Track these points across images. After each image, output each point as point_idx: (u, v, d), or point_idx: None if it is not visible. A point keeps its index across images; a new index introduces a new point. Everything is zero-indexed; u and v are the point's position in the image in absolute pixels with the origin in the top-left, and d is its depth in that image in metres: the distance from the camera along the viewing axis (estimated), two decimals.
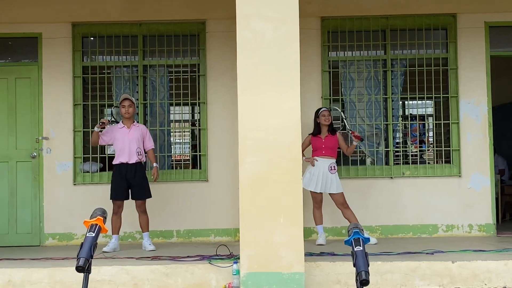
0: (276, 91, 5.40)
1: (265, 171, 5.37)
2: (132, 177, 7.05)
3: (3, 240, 8.06)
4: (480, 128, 8.24)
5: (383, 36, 8.41)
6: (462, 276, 5.59)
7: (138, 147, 7.12)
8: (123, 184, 7.05)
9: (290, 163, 5.37)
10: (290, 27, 5.44)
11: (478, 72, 8.25)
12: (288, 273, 5.33)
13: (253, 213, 5.37)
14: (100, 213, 3.37)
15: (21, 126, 8.21)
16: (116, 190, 7.06)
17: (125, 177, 7.04)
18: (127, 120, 7.20)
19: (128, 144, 7.08)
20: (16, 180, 8.17)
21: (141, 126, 7.33)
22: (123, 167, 7.07)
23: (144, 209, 7.15)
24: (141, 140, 7.20)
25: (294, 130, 5.39)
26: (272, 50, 5.44)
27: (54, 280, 5.71)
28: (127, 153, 7.07)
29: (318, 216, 7.40)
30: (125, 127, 7.19)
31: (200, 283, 5.68)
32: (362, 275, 3.02)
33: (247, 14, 5.47)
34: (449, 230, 8.16)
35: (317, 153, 7.40)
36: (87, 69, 8.38)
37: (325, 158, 7.34)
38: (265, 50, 5.45)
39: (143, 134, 7.25)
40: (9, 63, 8.39)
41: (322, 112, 7.46)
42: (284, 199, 5.34)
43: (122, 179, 7.05)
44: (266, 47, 5.45)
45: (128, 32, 8.37)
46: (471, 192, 8.20)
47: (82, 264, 3.13)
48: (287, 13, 5.45)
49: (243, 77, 5.44)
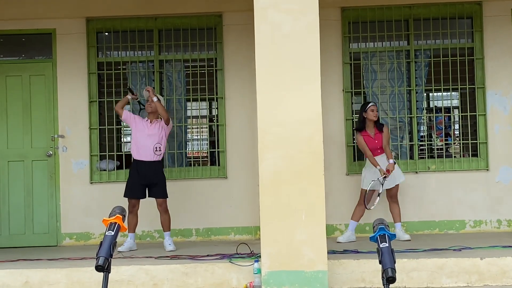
0: (296, 85, 5.40)
1: (285, 167, 5.38)
2: (151, 175, 7.04)
3: (19, 240, 8.15)
4: (508, 120, 8.18)
5: (406, 26, 8.37)
6: (491, 273, 5.57)
7: (158, 142, 7.08)
8: (140, 181, 7.04)
9: (311, 158, 5.37)
10: (309, 19, 5.44)
11: (506, 61, 8.18)
12: (310, 272, 5.35)
13: (273, 210, 5.38)
14: (119, 211, 3.40)
15: (36, 124, 8.27)
16: (132, 188, 7.07)
17: (143, 174, 7.03)
18: (152, 115, 7.17)
19: (146, 138, 7.07)
20: (32, 179, 8.24)
21: (161, 121, 7.23)
22: (141, 165, 7.07)
23: (165, 207, 7.11)
24: (161, 134, 7.14)
25: (315, 124, 5.40)
26: (291, 42, 5.44)
27: (72, 280, 5.77)
28: (146, 148, 7.05)
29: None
30: (148, 121, 7.18)
31: (221, 282, 5.70)
32: (389, 273, 3.02)
33: (265, 6, 5.47)
34: (477, 226, 8.11)
35: (373, 153, 7.34)
36: (102, 65, 8.44)
37: (381, 156, 7.32)
38: (284, 42, 5.45)
39: (163, 126, 7.19)
40: (23, 60, 8.46)
41: (371, 107, 7.36)
42: (306, 195, 5.35)
43: (139, 177, 7.04)
44: (285, 39, 5.45)
45: (144, 26, 8.40)
46: (500, 186, 8.15)
47: (102, 263, 3.16)
48: (306, 4, 5.44)
49: (262, 71, 5.45)
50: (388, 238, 3.16)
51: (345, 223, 8.04)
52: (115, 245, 3.24)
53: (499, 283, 5.54)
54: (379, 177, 7.10)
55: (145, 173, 7.04)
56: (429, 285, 5.56)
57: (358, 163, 8.18)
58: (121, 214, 3.38)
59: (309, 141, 5.38)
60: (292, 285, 5.36)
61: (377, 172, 7.18)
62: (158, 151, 7.07)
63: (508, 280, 5.54)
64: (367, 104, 7.43)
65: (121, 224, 3.34)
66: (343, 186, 8.11)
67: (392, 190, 7.33)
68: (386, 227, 3.20)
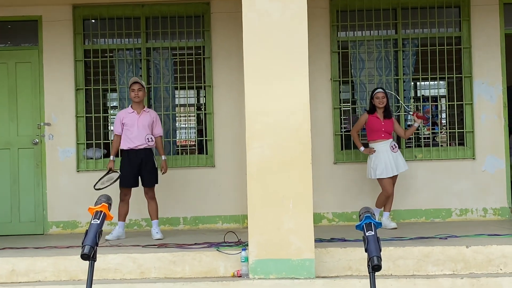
0: (283, 74, 5.40)
1: (273, 156, 5.38)
2: (142, 164, 7.02)
3: (6, 229, 8.11)
4: (495, 109, 8.22)
5: (393, 15, 8.37)
6: (476, 261, 5.61)
7: (148, 133, 7.06)
8: (132, 171, 7.02)
9: (299, 147, 5.38)
10: (297, 7, 5.43)
11: (493, 51, 8.21)
12: (298, 260, 5.37)
13: (261, 199, 5.39)
14: (105, 199, 3.38)
15: (22, 111, 8.23)
16: (125, 177, 7.01)
17: (135, 163, 7.01)
18: (137, 105, 7.12)
19: (137, 130, 7.02)
20: (18, 167, 8.21)
21: (151, 112, 7.27)
22: (132, 153, 7.04)
23: (153, 195, 7.11)
24: (151, 126, 7.12)
25: (302, 113, 5.40)
26: (279, 31, 5.43)
27: (59, 269, 5.75)
28: (137, 139, 7.01)
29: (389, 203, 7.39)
30: (135, 112, 7.10)
31: (208, 270, 5.71)
32: (374, 261, 3.02)
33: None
34: (463, 214, 8.17)
35: (375, 135, 7.30)
36: (88, 52, 8.39)
37: (384, 141, 7.27)
38: (272, 31, 5.44)
39: (153, 120, 7.18)
40: (8, 47, 8.40)
41: (376, 94, 7.32)
42: (293, 184, 5.36)
43: (131, 166, 7.02)
44: (273, 28, 5.44)
45: (130, 13, 8.35)
46: (486, 175, 8.20)
47: (88, 252, 3.15)
48: None
49: (250, 59, 5.43)
50: (374, 227, 3.16)
51: (332, 211, 8.10)
52: (100, 234, 3.23)
53: (485, 271, 5.58)
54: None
55: (136, 162, 7.01)
56: (415, 273, 5.58)
57: (345, 152, 8.21)
58: (107, 202, 3.36)
59: (297, 130, 5.38)
60: (279, 273, 5.38)
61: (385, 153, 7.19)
62: (150, 141, 7.06)
63: (494, 268, 5.58)
64: (374, 90, 7.45)
65: (107, 212, 3.32)
66: (330, 175, 8.13)
67: (393, 178, 7.30)
68: (372, 215, 3.20)
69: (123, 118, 7.10)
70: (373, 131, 7.31)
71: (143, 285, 5.46)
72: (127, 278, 5.70)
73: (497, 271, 5.57)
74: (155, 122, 7.18)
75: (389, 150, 7.22)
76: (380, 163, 7.18)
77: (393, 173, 7.21)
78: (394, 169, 7.20)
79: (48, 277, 5.75)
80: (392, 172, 7.19)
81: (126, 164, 7.04)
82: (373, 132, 7.31)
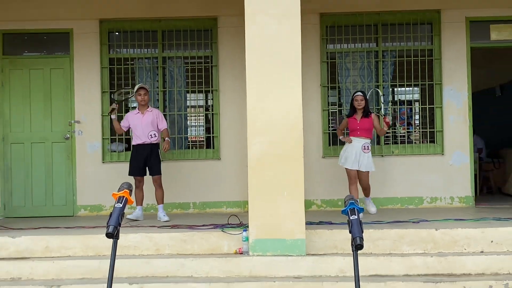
0: (280, 80, 5.40)
1: (270, 151, 5.39)
2: (147, 157, 7.03)
3: (41, 211, 8.14)
4: (461, 112, 8.22)
5: (375, 30, 8.36)
6: (444, 242, 5.61)
7: (152, 130, 7.06)
8: (139, 162, 7.03)
9: (293, 143, 5.38)
10: (292, 23, 5.42)
11: (460, 62, 8.20)
12: (291, 240, 5.38)
13: (260, 187, 5.39)
14: (126, 186, 3.38)
15: (55, 111, 8.24)
16: (135, 167, 7.06)
17: (142, 156, 7.03)
18: (142, 107, 7.12)
19: (142, 128, 7.03)
20: (52, 159, 8.21)
21: (154, 111, 7.23)
22: (140, 148, 7.06)
23: (160, 183, 7.10)
24: (155, 123, 7.11)
25: (296, 114, 5.40)
26: (276, 43, 5.43)
27: (87, 245, 5.77)
28: (142, 136, 7.03)
29: (353, 191, 7.01)
30: (140, 113, 7.12)
31: (214, 248, 5.72)
32: (357, 241, 3.03)
33: (254, 11, 5.45)
34: (433, 202, 8.17)
35: (353, 134, 7.07)
36: (113, 60, 8.38)
37: (359, 138, 7.00)
38: (270, 43, 5.44)
39: (156, 117, 7.15)
40: (44, 55, 8.39)
41: (355, 96, 7.10)
42: (287, 175, 5.36)
43: (138, 158, 7.04)
44: (271, 40, 5.44)
45: (149, 27, 8.35)
46: (453, 168, 8.20)
47: (112, 231, 3.16)
48: (289, 10, 5.42)
49: (251, 67, 5.43)
50: (357, 212, 3.17)
51: (321, 198, 8.11)
52: (123, 216, 3.24)
53: (451, 250, 5.59)
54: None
55: (143, 155, 7.03)
56: (391, 252, 5.59)
57: (332, 147, 8.20)
58: (128, 189, 3.37)
59: (291, 128, 5.38)
60: (275, 251, 5.39)
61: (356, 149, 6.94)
62: (153, 137, 7.06)
63: (459, 248, 5.59)
64: (354, 92, 7.24)
65: (128, 197, 3.33)
66: (319, 167, 8.13)
67: (364, 178, 7.05)
68: (355, 202, 3.21)
69: (130, 118, 7.18)
70: (351, 130, 7.13)
71: (158, 260, 5.48)
72: (145, 254, 5.72)
73: (462, 251, 5.58)
74: (158, 118, 7.15)
75: (360, 148, 6.97)
76: (347, 155, 6.99)
77: (353, 167, 6.93)
78: (355, 164, 6.93)
79: (77, 252, 5.76)
80: (352, 166, 6.93)
81: (135, 157, 7.08)
82: (351, 131, 7.11)
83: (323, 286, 5.05)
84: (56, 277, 5.43)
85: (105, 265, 5.40)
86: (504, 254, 5.42)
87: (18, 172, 8.20)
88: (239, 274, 5.36)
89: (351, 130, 7.11)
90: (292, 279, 5.21)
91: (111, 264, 3.17)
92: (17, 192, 8.19)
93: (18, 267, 5.47)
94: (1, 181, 8.18)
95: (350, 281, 5.03)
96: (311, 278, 5.22)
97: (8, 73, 8.26)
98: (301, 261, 5.33)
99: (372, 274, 5.31)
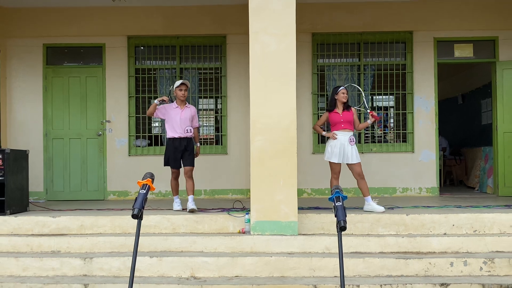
0: (278, 88, 5.39)
1: (269, 147, 5.38)
2: (183, 149, 6.28)
3: (77, 195, 8.15)
4: (429, 117, 8.21)
5: (358, 47, 8.35)
6: (413, 225, 5.61)
7: (188, 125, 6.32)
8: (176, 155, 6.26)
9: (288, 141, 5.37)
10: (289, 41, 5.41)
11: (428, 75, 8.20)
12: (285, 222, 5.37)
13: (260, 177, 5.39)
14: (149, 175, 3.38)
15: (90, 112, 8.24)
16: (171, 159, 6.28)
17: (179, 149, 6.26)
18: (181, 102, 6.35)
19: (179, 122, 6.26)
20: (86, 152, 8.22)
21: (192, 108, 6.46)
22: (176, 141, 6.26)
23: (191, 175, 6.33)
24: (191, 119, 6.38)
25: (291, 116, 5.39)
26: (275, 57, 5.42)
27: (115, 224, 5.76)
28: (179, 129, 6.26)
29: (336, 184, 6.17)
30: (179, 108, 6.32)
31: (221, 228, 5.72)
32: (341, 223, 3.03)
33: (257, 30, 5.44)
34: (404, 192, 8.17)
35: (337, 127, 6.17)
36: (138, 70, 8.38)
37: (344, 131, 6.14)
38: (270, 58, 5.42)
39: (193, 114, 6.42)
40: (81, 65, 8.39)
41: (342, 90, 6.19)
42: (283, 167, 5.36)
43: (175, 150, 6.26)
44: (271, 55, 5.42)
45: (169, 43, 8.34)
46: (421, 164, 8.20)
47: (136, 213, 3.16)
48: (286, 30, 5.41)
49: (254, 77, 5.42)
50: (342, 199, 3.17)
51: (311, 187, 8.10)
52: (146, 200, 3.23)
53: (419, 232, 5.59)
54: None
55: (180, 148, 6.27)
56: (369, 233, 5.59)
57: (321, 145, 8.20)
58: (151, 177, 3.36)
59: (287, 129, 5.37)
60: (272, 231, 5.39)
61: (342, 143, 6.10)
62: (189, 132, 6.31)
63: (426, 230, 5.59)
64: (338, 87, 6.26)
65: (151, 185, 3.33)
66: (310, 161, 8.13)
67: (356, 168, 6.11)
68: (340, 191, 3.21)
69: (169, 111, 6.33)
70: (334, 124, 6.20)
71: (175, 237, 5.47)
72: (163, 232, 5.71)
73: (428, 233, 5.58)
74: (194, 116, 6.45)
75: (346, 141, 6.12)
76: (334, 149, 6.11)
77: (340, 161, 6.09)
78: (343, 158, 6.10)
79: (107, 230, 5.76)
80: (339, 160, 6.08)
81: (171, 149, 6.28)
82: (335, 124, 6.19)
83: (312, 260, 5.05)
84: (89, 250, 5.43)
85: (130, 241, 5.42)
86: (463, 236, 5.41)
87: (58, 163, 8.20)
88: (242, 250, 5.36)
89: (334, 123, 6.20)
90: (286, 254, 5.20)
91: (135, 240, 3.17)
92: (57, 180, 8.19)
93: (58, 242, 5.48)
94: (44, 170, 8.19)
95: (335, 257, 5.04)
96: (302, 254, 5.22)
97: (51, 80, 8.27)
98: (294, 240, 5.33)
99: (353, 251, 5.31)
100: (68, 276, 5.08)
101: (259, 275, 5.03)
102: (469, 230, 5.56)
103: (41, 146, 8.19)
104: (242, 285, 4.73)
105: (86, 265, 5.13)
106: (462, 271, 5.00)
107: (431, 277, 4.92)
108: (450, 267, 5.00)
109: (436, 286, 4.68)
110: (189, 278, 5.02)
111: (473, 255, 5.17)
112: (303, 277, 4.98)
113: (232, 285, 4.73)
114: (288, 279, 4.91)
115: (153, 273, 5.07)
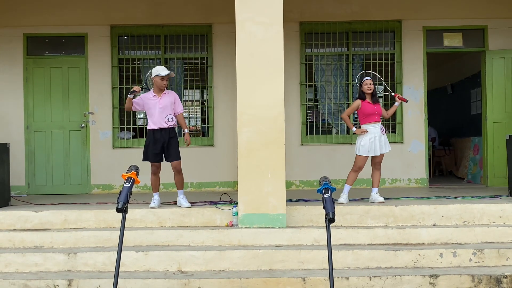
0: (265, 78, 5.38)
1: (257, 139, 5.38)
2: (165, 141, 5.91)
3: (60, 189, 8.09)
4: (418, 107, 8.26)
5: (346, 37, 8.36)
6: (402, 217, 5.65)
7: (169, 113, 5.91)
8: (156, 148, 5.89)
9: (276, 133, 5.37)
10: (276, 30, 5.40)
11: (417, 64, 8.23)
12: (274, 214, 5.38)
13: (248, 170, 5.39)
14: (134, 168, 3.38)
15: (72, 103, 8.16)
16: (151, 153, 5.91)
17: (160, 142, 5.90)
18: (159, 90, 5.94)
19: (158, 112, 5.87)
20: (69, 144, 8.15)
21: (171, 93, 6.03)
22: (157, 133, 5.89)
23: (179, 169, 5.97)
24: (171, 106, 5.96)
25: (279, 107, 5.39)
26: (262, 47, 5.40)
27: (99, 219, 5.74)
28: (159, 120, 5.87)
29: (355, 178, 6.15)
30: (156, 96, 5.92)
31: (208, 221, 5.72)
32: (330, 215, 3.05)
33: (244, 19, 5.41)
34: (393, 183, 8.23)
35: (370, 119, 6.00)
36: (122, 60, 8.31)
37: (376, 124, 6.03)
38: (257, 47, 5.41)
39: (173, 100, 5.98)
40: (63, 56, 8.30)
41: (365, 81, 6.04)
42: (271, 159, 5.36)
43: (156, 143, 5.89)
44: (258, 45, 5.40)
45: (153, 32, 8.27)
46: (410, 155, 8.26)
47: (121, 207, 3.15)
48: (274, 19, 5.39)
49: (241, 67, 5.40)
50: (330, 191, 3.18)
51: (299, 179, 8.12)
52: (130, 194, 3.23)
53: (408, 223, 5.64)
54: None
55: (161, 140, 5.91)
56: (358, 225, 5.63)
57: (309, 136, 8.21)
58: (136, 170, 3.36)
59: (274, 120, 5.37)
60: (260, 224, 5.40)
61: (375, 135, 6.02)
62: (170, 121, 5.91)
63: (415, 221, 5.64)
64: (361, 77, 6.14)
65: (136, 178, 3.32)
66: (298, 153, 8.15)
67: (377, 157, 6.11)
68: (329, 182, 3.22)
69: (145, 101, 5.96)
70: (367, 115, 6.02)
71: (161, 231, 5.46)
72: (149, 226, 5.70)
73: (417, 224, 5.63)
74: (175, 100, 6.01)
75: (379, 132, 6.03)
76: (366, 143, 6.01)
77: (375, 153, 6.05)
78: (377, 150, 6.03)
79: (92, 224, 5.73)
80: (374, 153, 6.04)
81: (151, 142, 5.91)
82: (368, 116, 6.02)
83: (300, 253, 5.07)
84: (73, 245, 5.40)
85: (115, 235, 5.39)
86: (453, 227, 5.47)
87: (40, 156, 8.13)
88: (230, 243, 5.37)
89: (368, 114, 6.01)
90: (274, 247, 5.22)
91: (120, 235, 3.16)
92: (39, 173, 8.12)
93: (41, 237, 5.44)
94: (26, 163, 8.11)
95: (324, 249, 5.07)
96: (291, 247, 5.24)
97: (32, 71, 8.16)
98: (282, 233, 5.35)
99: (342, 243, 5.34)
100: (52, 272, 5.05)
101: (247, 269, 5.05)
102: (459, 221, 5.62)
103: (22, 139, 8.10)
104: (230, 278, 4.74)
105: (70, 260, 5.10)
106: (452, 262, 5.05)
107: (420, 269, 4.97)
108: (439, 259, 5.06)
109: (425, 278, 4.73)
110: (176, 272, 5.01)
111: (463, 246, 5.23)
112: (291, 270, 5.00)
113: (219, 278, 4.74)
114: (276, 272, 4.93)
115: (139, 267, 5.06)
